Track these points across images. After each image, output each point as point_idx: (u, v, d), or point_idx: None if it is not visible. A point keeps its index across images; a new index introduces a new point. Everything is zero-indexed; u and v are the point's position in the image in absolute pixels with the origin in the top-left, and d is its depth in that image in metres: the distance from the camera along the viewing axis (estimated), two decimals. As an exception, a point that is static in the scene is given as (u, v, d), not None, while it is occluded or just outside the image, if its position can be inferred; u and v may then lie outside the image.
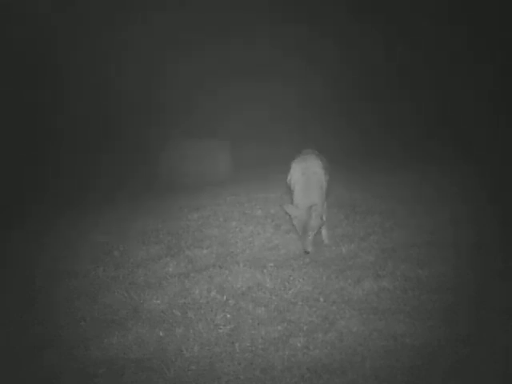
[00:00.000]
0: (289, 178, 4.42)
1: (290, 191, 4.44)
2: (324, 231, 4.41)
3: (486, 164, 6.87)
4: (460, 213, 4.93)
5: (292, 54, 9.99)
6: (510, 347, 2.73)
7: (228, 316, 3.27)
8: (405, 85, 9.71)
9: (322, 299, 3.41)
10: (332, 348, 2.87)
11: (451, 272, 3.66)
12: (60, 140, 8.34)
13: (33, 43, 8.44)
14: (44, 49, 8.66)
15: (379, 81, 9.90)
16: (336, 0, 10.11)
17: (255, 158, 8.54)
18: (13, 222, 5.64)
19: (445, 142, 8.10)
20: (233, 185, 7.07)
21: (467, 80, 9.42)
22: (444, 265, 3.78)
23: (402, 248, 4.15)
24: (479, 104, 9.12)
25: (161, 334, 3.11)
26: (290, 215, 4.07)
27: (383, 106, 9.64)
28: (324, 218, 4.26)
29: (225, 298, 3.51)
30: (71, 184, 7.29)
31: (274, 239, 4.57)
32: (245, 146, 8.70)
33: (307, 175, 4.17)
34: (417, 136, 8.66)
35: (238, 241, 4.59)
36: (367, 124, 9.33)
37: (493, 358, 2.67)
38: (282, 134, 8.71)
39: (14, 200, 6.59)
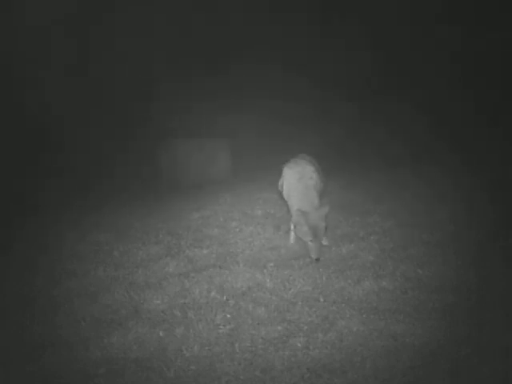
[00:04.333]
0: (281, 182, 4.37)
1: (281, 196, 4.41)
2: None
3: (485, 164, 6.87)
4: (459, 212, 4.93)
5: (291, 53, 10.01)
6: (510, 347, 2.73)
7: (228, 316, 3.27)
8: (404, 84, 9.71)
9: (321, 299, 3.41)
10: (332, 348, 2.87)
11: (451, 272, 3.67)
12: (60, 140, 8.34)
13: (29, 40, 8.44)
14: (44, 47, 8.66)
15: (378, 80, 9.91)
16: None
17: (255, 157, 8.54)
18: (13, 221, 5.64)
19: (444, 141, 8.09)
20: (233, 185, 7.07)
21: (467, 80, 9.43)
22: (444, 265, 3.78)
23: (402, 248, 4.15)
24: (479, 103, 9.12)
25: (161, 334, 3.11)
26: (299, 222, 3.93)
27: (382, 106, 9.63)
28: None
29: (225, 298, 3.51)
30: (71, 184, 7.28)
31: (274, 239, 4.57)
32: (245, 145, 8.69)
33: (304, 180, 4.11)
34: (416, 136, 8.65)
35: (238, 241, 4.59)
36: (366, 124, 9.32)
37: (493, 358, 2.67)
38: (282, 133, 8.70)
39: (14, 200, 6.59)
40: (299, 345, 2.91)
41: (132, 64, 9.43)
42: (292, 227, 4.40)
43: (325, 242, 4.37)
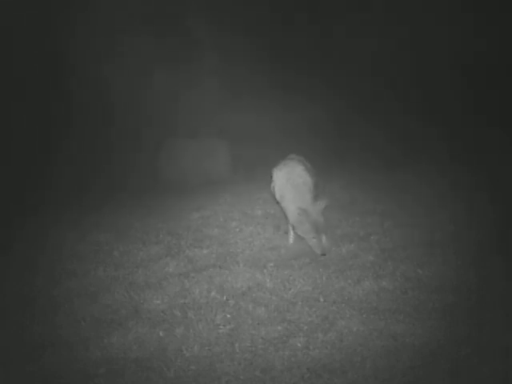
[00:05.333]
0: (272, 185, 4.36)
1: (275, 199, 4.40)
2: None
3: (485, 164, 6.87)
4: (459, 213, 4.94)
5: (288, 53, 10.03)
6: (510, 347, 2.73)
7: (228, 316, 3.27)
8: (402, 84, 9.70)
9: (321, 299, 3.41)
10: (332, 348, 2.87)
11: (451, 272, 3.67)
12: (60, 140, 8.33)
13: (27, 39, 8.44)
14: (44, 47, 8.66)
15: (376, 81, 9.90)
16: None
17: (255, 157, 8.54)
18: (13, 221, 5.63)
19: (444, 141, 8.10)
20: (233, 185, 7.07)
21: (466, 79, 9.42)
22: (444, 265, 3.79)
23: (402, 248, 4.15)
24: (478, 103, 9.12)
25: (161, 334, 3.11)
26: (300, 220, 3.93)
27: (381, 106, 9.63)
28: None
29: (225, 298, 3.51)
30: (71, 184, 7.27)
31: (274, 239, 4.57)
32: (244, 145, 8.69)
33: (292, 179, 4.13)
34: (416, 136, 8.66)
35: (238, 241, 4.59)
36: (365, 124, 9.32)
37: (493, 358, 2.67)
38: (281, 133, 8.70)
39: (14, 200, 6.58)
40: (299, 345, 2.91)
41: (132, 64, 9.42)
42: (291, 228, 4.40)
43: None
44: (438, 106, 9.36)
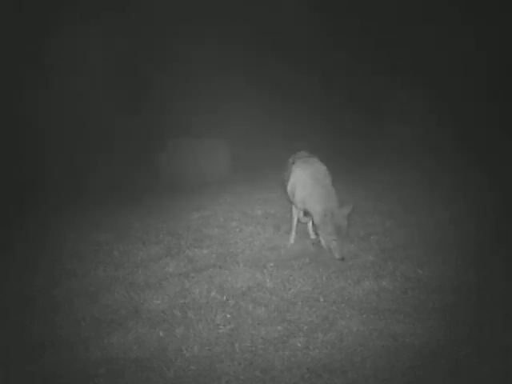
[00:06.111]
0: (291, 183, 4.23)
1: (289, 197, 4.31)
2: (310, 225, 4.42)
3: (485, 164, 6.88)
4: (460, 212, 4.94)
5: (292, 53, 10.03)
6: (510, 347, 2.73)
7: (228, 316, 3.27)
8: (403, 84, 9.70)
9: (321, 299, 3.41)
10: (332, 348, 2.87)
11: (451, 272, 3.67)
12: (60, 140, 8.33)
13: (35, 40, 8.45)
14: (46, 45, 8.66)
15: (376, 80, 9.90)
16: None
17: (255, 158, 8.54)
18: (13, 221, 5.64)
19: (444, 141, 8.10)
20: (233, 185, 7.07)
21: (467, 79, 9.43)
22: (444, 265, 3.79)
23: (402, 248, 4.15)
24: (479, 103, 9.13)
25: (161, 334, 3.11)
26: (324, 221, 3.84)
27: (380, 107, 9.64)
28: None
29: (225, 298, 3.51)
30: (71, 184, 7.28)
31: (274, 239, 4.57)
32: (245, 145, 8.70)
33: (321, 180, 4.04)
34: (416, 136, 8.66)
35: (238, 241, 4.59)
36: (365, 124, 9.32)
37: (493, 358, 2.67)
38: (281, 134, 8.70)
39: (14, 200, 6.59)
40: (299, 345, 2.91)
41: (132, 64, 9.43)
42: (294, 228, 4.40)
43: (313, 236, 4.37)
44: (437, 106, 9.37)
